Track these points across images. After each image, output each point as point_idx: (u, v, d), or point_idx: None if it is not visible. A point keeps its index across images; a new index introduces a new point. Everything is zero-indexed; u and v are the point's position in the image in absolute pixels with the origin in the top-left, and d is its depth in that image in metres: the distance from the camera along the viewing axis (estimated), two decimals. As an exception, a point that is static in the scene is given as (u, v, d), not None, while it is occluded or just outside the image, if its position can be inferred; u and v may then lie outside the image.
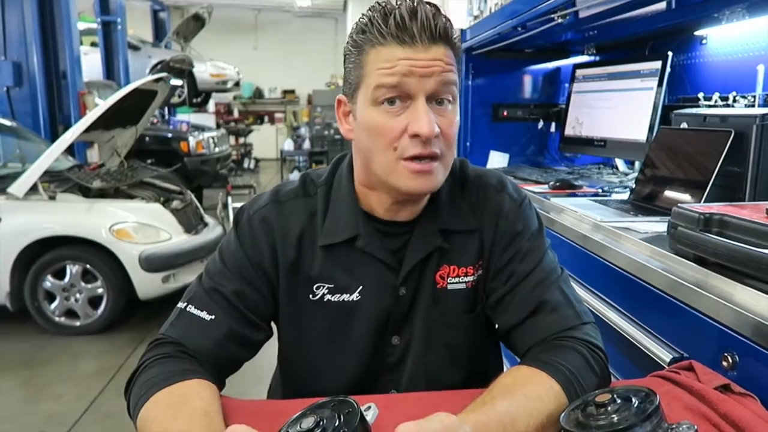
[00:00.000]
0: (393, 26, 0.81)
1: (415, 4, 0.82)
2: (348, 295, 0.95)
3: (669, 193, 1.55)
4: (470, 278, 0.97)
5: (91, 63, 6.47)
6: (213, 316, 0.88)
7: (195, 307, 0.89)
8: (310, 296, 0.95)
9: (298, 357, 1.02)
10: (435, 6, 0.84)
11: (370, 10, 0.86)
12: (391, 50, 0.82)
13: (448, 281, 0.96)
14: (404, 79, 0.81)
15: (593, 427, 0.64)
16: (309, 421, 0.63)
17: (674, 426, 0.62)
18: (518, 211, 0.98)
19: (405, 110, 0.83)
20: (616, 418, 0.63)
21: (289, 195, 0.98)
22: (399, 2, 0.83)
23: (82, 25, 6.73)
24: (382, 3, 0.84)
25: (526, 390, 0.76)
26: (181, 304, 0.91)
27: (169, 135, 6.67)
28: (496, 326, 0.99)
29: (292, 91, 14.27)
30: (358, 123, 0.88)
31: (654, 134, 1.93)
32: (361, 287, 0.94)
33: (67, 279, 3.60)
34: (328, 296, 0.95)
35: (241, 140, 11.80)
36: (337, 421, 0.62)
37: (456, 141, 0.89)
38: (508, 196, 0.99)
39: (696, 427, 0.61)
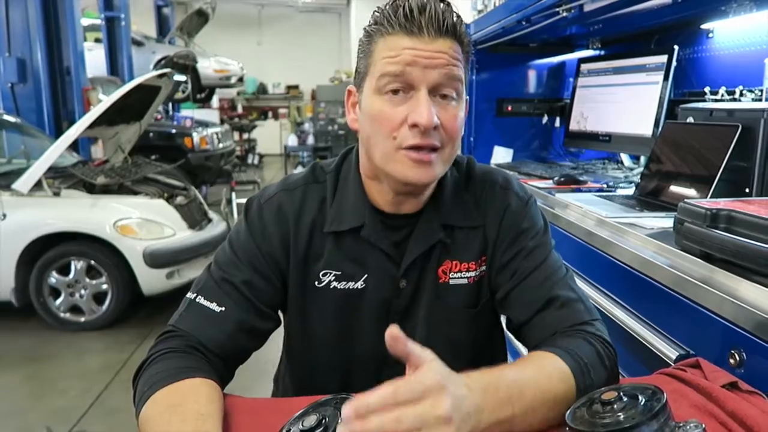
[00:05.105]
0: (401, 16, 0.82)
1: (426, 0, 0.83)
2: (353, 282, 0.95)
3: (675, 189, 1.53)
4: (472, 273, 0.97)
5: (94, 59, 6.46)
6: (223, 308, 0.89)
7: (205, 298, 0.89)
8: (317, 283, 0.95)
9: (303, 347, 1.02)
10: (447, 3, 0.85)
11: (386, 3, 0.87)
12: (397, 39, 0.83)
13: (450, 276, 0.96)
14: (407, 69, 0.82)
15: (599, 425, 0.63)
16: (311, 420, 0.63)
17: (681, 424, 0.61)
18: (524, 210, 0.98)
19: (407, 101, 0.83)
20: (622, 416, 0.62)
21: (299, 182, 0.98)
22: None
23: (85, 21, 6.74)
24: None
25: (537, 367, 0.76)
26: (190, 295, 0.91)
27: (173, 131, 6.67)
28: (508, 321, 0.99)
29: (296, 87, 14.26)
30: (362, 111, 0.89)
31: (660, 129, 1.92)
32: (366, 276, 0.95)
33: (71, 275, 3.62)
34: (335, 283, 0.95)
35: (245, 136, 11.81)
36: (340, 419, 0.62)
37: (459, 136, 0.88)
38: (514, 194, 0.99)
39: (704, 425, 0.60)
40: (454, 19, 0.84)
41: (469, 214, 0.97)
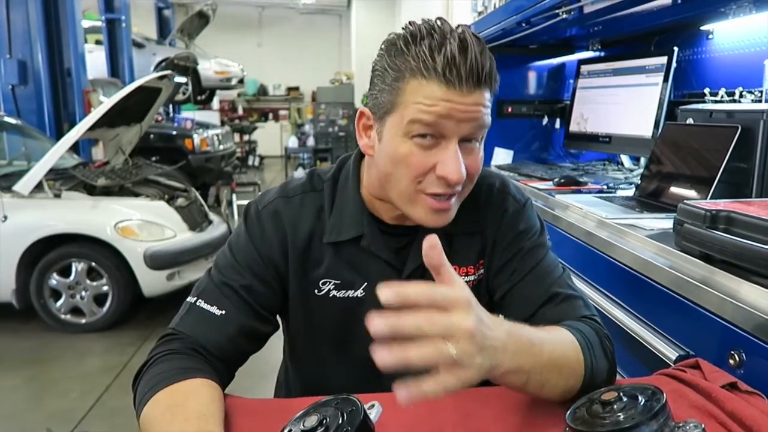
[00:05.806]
0: (441, 64, 0.77)
1: (464, 36, 0.78)
2: (353, 291, 0.95)
3: (675, 190, 1.54)
4: (471, 278, 0.97)
5: (95, 61, 6.48)
6: (223, 311, 0.89)
7: (205, 302, 0.90)
8: (316, 291, 0.96)
9: (304, 352, 1.02)
10: (481, 42, 0.81)
11: (411, 27, 0.82)
12: (433, 88, 0.78)
13: None
14: (441, 120, 0.79)
15: (599, 425, 0.63)
16: (312, 420, 0.63)
17: (681, 424, 0.61)
18: (521, 213, 0.98)
19: (435, 147, 0.81)
20: (622, 417, 0.63)
21: (297, 190, 0.98)
22: (448, 34, 0.79)
23: (86, 23, 6.74)
24: (429, 26, 0.80)
25: (552, 333, 0.76)
26: (191, 299, 0.91)
27: (174, 132, 6.67)
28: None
29: (297, 88, 14.28)
30: (383, 147, 0.86)
31: (659, 130, 1.92)
32: (365, 284, 0.95)
33: (72, 277, 3.62)
34: (334, 292, 0.95)
35: (246, 137, 11.81)
36: (340, 419, 0.62)
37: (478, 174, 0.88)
38: (511, 197, 0.99)
39: (703, 425, 0.61)
40: (491, 65, 0.80)
41: (469, 220, 0.97)
